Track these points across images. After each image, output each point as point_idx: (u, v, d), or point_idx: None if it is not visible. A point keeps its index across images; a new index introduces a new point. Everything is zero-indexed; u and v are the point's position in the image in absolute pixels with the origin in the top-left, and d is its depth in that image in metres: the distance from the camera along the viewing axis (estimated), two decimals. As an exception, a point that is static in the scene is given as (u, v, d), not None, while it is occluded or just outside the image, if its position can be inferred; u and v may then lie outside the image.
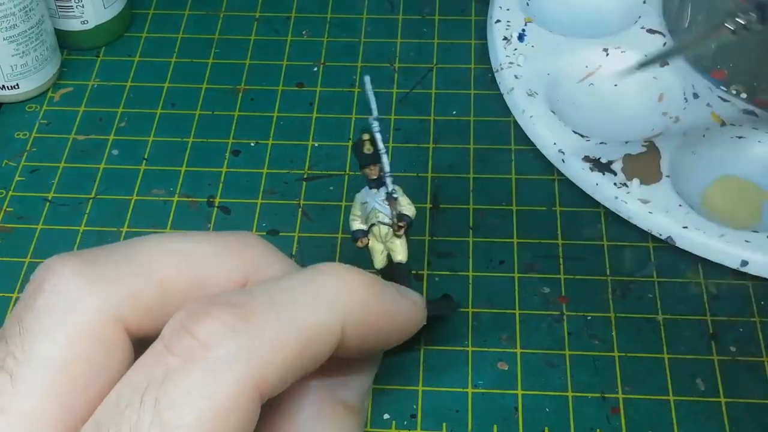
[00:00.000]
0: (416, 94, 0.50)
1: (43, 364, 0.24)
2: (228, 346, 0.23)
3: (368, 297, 0.26)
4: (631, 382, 0.38)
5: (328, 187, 0.45)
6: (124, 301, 0.25)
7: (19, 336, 0.24)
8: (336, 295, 0.25)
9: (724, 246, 0.41)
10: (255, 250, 0.28)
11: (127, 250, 0.26)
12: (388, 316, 0.27)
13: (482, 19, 0.53)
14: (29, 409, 0.23)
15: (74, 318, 0.24)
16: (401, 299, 0.28)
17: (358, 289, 0.26)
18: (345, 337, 0.26)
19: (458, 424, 0.37)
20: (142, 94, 0.50)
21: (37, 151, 0.47)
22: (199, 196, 0.45)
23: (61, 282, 0.25)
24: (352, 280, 0.26)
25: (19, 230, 0.44)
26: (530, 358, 0.39)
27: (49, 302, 0.25)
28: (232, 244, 0.27)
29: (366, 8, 0.54)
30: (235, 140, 0.48)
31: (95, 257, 0.26)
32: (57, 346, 0.24)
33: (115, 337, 0.25)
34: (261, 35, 0.53)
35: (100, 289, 0.25)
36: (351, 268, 0.27)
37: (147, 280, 0.26)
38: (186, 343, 0.23)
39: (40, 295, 0.25)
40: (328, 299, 0.25)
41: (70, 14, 0.51)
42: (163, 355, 0.23)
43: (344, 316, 0.25)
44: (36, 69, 0.49)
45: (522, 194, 0.45)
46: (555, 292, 0.41)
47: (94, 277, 0.25)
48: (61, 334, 0.24)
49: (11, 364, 0.24)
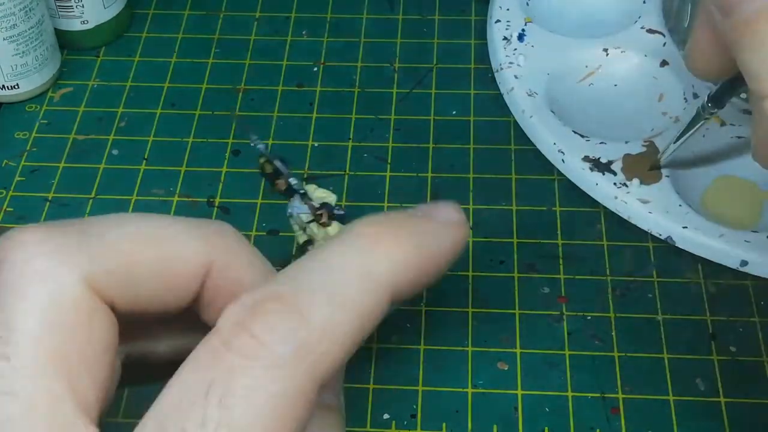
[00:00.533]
0: (416, 94, 0.50)
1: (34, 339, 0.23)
2: (285, 343, 0.23)
3: (411, 252, 0.26)
4: (631, 382, 0.38)
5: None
6: (93, 270, 0.25)
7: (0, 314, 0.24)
8: (379, 266, 0.25)
9: (724, 246, 0.41)
10: (225, 238, 0.28)
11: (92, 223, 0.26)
12: (435, 257, 0.27)
13: (482, 19, 0.53)
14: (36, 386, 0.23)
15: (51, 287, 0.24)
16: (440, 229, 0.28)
17: (398, 248, 0.26)
18: (396, 297, 0.26)
19: (458, 424, 0.37)
20: (142, 94, 0.50)
21: (37, 151, 0.47)
22: (199, 196, 0.45)
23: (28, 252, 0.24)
24: (389, 239, 0.26)
25: (19, 230, 0.44)
26: (530, 358, 0.39)
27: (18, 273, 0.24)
28: (202, 228, 0.27)
29: (366, 8, 0.54)
30: (235, 140, 0.48)
31: (61, 228, 0.25)
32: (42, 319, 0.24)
33: (93, 304, 0.25)
34: (261, 35, 0.53)
35: (69, 258, 0.24)
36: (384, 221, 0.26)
37: (114, 252, 0.25)
38: (245, 342, 0.23)
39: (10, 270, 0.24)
40: (371, 274, 0.25)
41: (70, 14, 0.51)
42: (222, 353, 0.23)
43: (392, 286, 0.25)
44: (36, 69, 0.49)
45: (522, 194, 0.45)
46: (555, 292, 0.41)
47: (61, 247, 0.25)
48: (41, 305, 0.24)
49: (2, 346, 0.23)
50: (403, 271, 0.26)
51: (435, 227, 0.28)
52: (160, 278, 0.26)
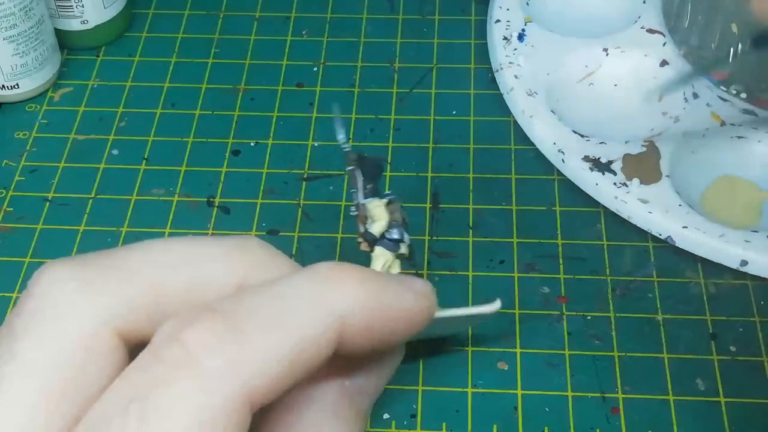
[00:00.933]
0: (416, 94, 0.50)
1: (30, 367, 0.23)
2: (216, 356, 0.22)
3: (367, 294, 0.26)
4: (631, 382, 0.38)
5: (328, 187, 0.45)
6: (116, 306, 0.25)
7: (7, 338, 0.24)
8: (331, 296, 0.25)
9: (724, 246, 0.41)
10: (254, 252, 0.27)
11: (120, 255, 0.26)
12: (391, 310, 0.27)
13: (482, 19, 0.53)
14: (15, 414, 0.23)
15: (64, 322, 0.24)
16: (404, 290, 0.28)
17: (354, 287, 0.25)
18: (346, 338, 0.25)
19: (458, 424, 0.37)
20: (142, 94, 0.50)
21: (37, 151, 0.47)
22: (199, 196, 0.45)
23: (52, 286, 0.25)
24: (347, 277, 0.26)
25: (19, 230, 0.44)
26: (530, 358, 0.39)
27: (38, 306, 0.24)
28: (230, 247, 0.27)
29: (366, 8, 0.54)
30: (235, 140, 0.48)
31: (87, 262, 0.25)
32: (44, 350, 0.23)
33: (106, 343, 0.24)
34: (261, 35, 0.53)
35: (92, 293, 0.24)
36: (346, 266, 0.26)
37: (140, 284, 0.25)
38: (174, 352, 0.22)
39: (31, 300, 0.25)
40: (323, 302, 0.25)
41: (70, 14, 0.51)
42: (150, 364, 0.22)
43: (341, 318, 0.25)
44: (36, 69, 0.49)
45: (522, 194, 0.45)
46: (555, 292, 0.41)
47: (85, 281, 0.25)
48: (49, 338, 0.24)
49: None
50: (356, 307, 0.25)
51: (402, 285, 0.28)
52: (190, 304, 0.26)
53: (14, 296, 0.41)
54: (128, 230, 0.44)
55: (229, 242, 0.28)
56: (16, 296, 0.41)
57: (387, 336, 0.27)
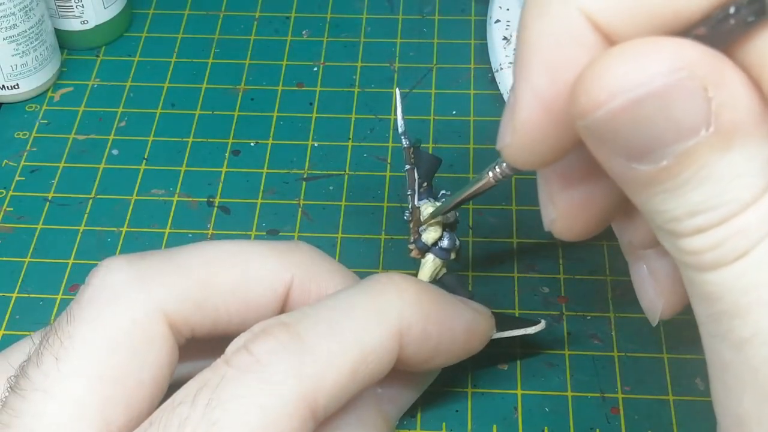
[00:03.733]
0: (416, 94, 0.50)
1: (86, 351, 0.25)
2: (281, 362, 0.23)
3: (427, 306, 0.26)
4: (631, 382, 0.38)
5: (328, 187, 0.45)
6: (166, 297, 0.26)
7: (67, 325, 0.25)
8: (392, 307, 0.25)
9: (724, 246, 0.41)
10: (302, 253, 0.28)
11: (173, 252, 0.28)
12: (450, 326, 0.27)
13: (482, 19, 0.53)
14: (70, 392, 0.24)
15: (117, 309, 0.26)
16: (464, 308, 0.28)
17: (415, 299, 0.26)
18: (404, 350, 0.26)
19: (458, 424, 0.37)
20: (142, 94, 0.50)
21: (37, 151, 0.47)
22: (199, 196, 0.45)
23: (107, 277, 0.26)
24: (409, 289, 0.26)
25: (19, 230, 0.44)
26: (530, 358, 0.39)
27: (94, 295, 0.26)
28: (279, 247, 0.28)
29: (366, 8, 0.54)
30: (235, 140, 0.48)
31: (142, 257, 0.27)
32: (99, 335, 0.25)
33: (157, 330, 0.26)
34: (261, 35, 0.53)
35: (144, 284, 0.26)
36: (408, 278, 0.27)
37: (190, 277, 0.27)
38: (243, 358, 0.24)
39: (88, 289, 0.26)
40: (383, 313, 0.25)
41: (70, 14, 0.51)
42: (221, 366, 0.24)
43: (401, 330, 0.25)
44: (36, 69, 0.49)
45: (522, 194, 0.45)
46: (555, 292, 0.41)
47: (138, 273, 0.26)
48: (103, 323, 0.25)
49: (57, 348, 0.25)
50: (418, 323, 0.26)
51: (461, 304, 0.28)
52: (239, 300, 0.27)
53: (14, 296, 0.41)
54: (128, 230, 0.44)
55: (279, 244, 0.29)
56: (17, 296, 0.41)
57: (446, 350, 0.28)
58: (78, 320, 0.25)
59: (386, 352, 0.25)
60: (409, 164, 0.35)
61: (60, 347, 0.25)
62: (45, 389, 0.24)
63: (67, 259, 0.43)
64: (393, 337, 0.25)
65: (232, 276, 0.27)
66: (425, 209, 0.35)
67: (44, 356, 0.25)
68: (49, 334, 0.25)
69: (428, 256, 0.35)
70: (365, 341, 0.25)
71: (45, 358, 0.24)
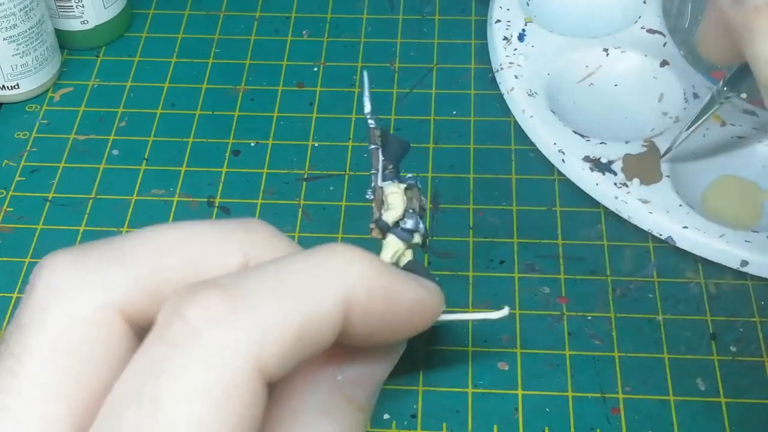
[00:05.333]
0: (416, 94, 0.50)
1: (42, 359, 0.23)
2: (219, 327, 0.22)
3: (374, 274, 0.25)
4: (631, 382, 0.38)
5: (328, 187, 0.45)
6: (117, 290, 0.25)
7: (18, 334, 0.24)
8: (337, 271, 0.25)
9: (724, 246, 0.41)
10: (257, 233, 0.27)
11: (118, 241, 0.26)
12: (397, 297, 0.26)
13: (482, 19, 0.53)
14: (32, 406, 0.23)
15: (67, 310, 0.24)
16: (412, 281, 0.27)
17: (362, 266, 0.25)
18: (350, 320, 0.25)
19: (458, 424, 0.37)
20: (142, 94, 0.50)
21: (37, 151, 0.47)
22: (199, 196, 0.45)
23: (52, 276, 0.25)
24: (355, 256, 0.25)
25: (19, 230, 0.44)
26: (530, 358, 0.39)
27: (40, 297, 0.24)
28: (232, 227, 0.27)
29: (366, 8, 0.54)
30: (236, 140, 0.48)
31: (86, 250, 0.25)
32: (53, 340, 0.24)
33: (113, 327, 0.24)
34: (261, 35, 0.53)
35: (90, 279, 0.24)
36: (354, 247, 0.26)
37: (140, 266, 0.25)
38: (175, 329, 0.22)
39: (33, 293, 0.25)
40: (328, 277, 0.24)
41: (70, 14, 0.51)
42: (155, 345, 0.22)
43: (346, 294, 0.24)
44: (36, 69, 0.49)
45: (522, 194, 0.45)
46: (555, 292, 0.41)
47: (85, 268, 0.25)
48: (55, 327, 0.24)
49: (11, 362, 0.23)
50: (361, 286, 0.25)
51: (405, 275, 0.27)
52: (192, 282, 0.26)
53: (14, 296, 0.41)
54: (128, 230, 0.44)
55: (232, 223, 0.27)
56: (17, 296, 0.41)
57: (390, 326, 0.27)
58: (28, 328, 0.24)
59: (331, 316, 0.24)
60: (375, 144, 0.35)
61: (14, 361, 0.23)
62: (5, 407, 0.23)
63: (67, 259, 0.42)
64: (338, 302, 0.24)
65: (183, 259, 0.26)
66: (388, 188, 0.34)
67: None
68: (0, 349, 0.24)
69: (390, 236, 0.34)
70: (309, 304, 0.23)
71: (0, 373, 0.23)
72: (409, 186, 0.35)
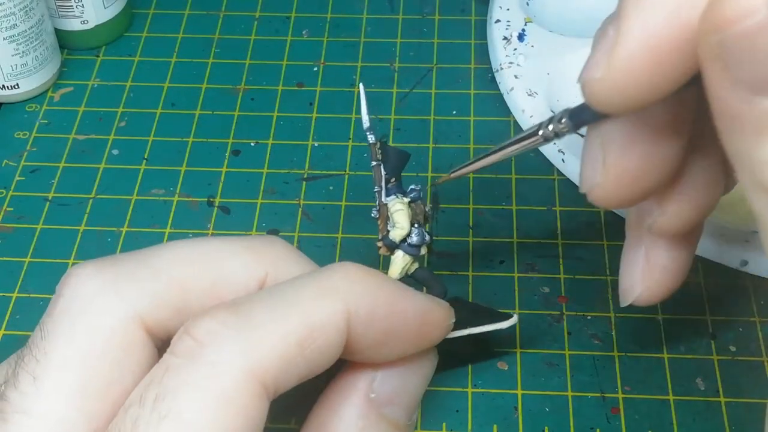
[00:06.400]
0: (416, 94, 0.50)
1: (63, 365, 0.24)
2: (223, 342, 0.23)
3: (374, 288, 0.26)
4: (631, 382, 0.38)
5: (328, 187, 0.45)
6: (141, 302, 0.25)
7: (41, 341, 0.24)
8: (338, 286, 0.25)
9: (724, 246, 0.41)
10: (275, 250, 0.28)
11: (145, 254, 0.27)
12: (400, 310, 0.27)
13: (482, 19, 0.53)
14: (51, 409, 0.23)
15: (91, 319, 0.25)
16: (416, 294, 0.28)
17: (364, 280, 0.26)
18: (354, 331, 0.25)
19: (458, 424, 0.37)
20: (142, 94, 0.50)
21: (37, 151, 0.47)
22: (199, 196, 0.45)
23: (78, 286, 0.25)
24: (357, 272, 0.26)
25: (19, 230, 0.44)
26: (530, 357, 0.39)
27: (66, 306, 0.25)
28: (253, 245, 0.28)
29: (366, 8, 0.54)
30: (235, 140, 0.48)
31: (113, 262, 0.26)
32: (75, 347, 0.24)
33: (135, 337, 0.25)
34: (261, 35, 0.53)
35: (117, 291, 0.25)
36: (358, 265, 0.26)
37: (165, 280, 0.26)
38: (185, 344, 0.23)
39: (59, 301, 0.25)
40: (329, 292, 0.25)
41: (70, 14, 0.51)
42: (166, 357, 0.23)
43: (347, 306, 0.25)
44: (36, 69, 0.49)
45: (522, 194, 0.45)
46: (555, 291, 0.41)
47: (111, 280, 0.25)
48: (78, 335, 0.25)
49: (33, 366, 0.24)
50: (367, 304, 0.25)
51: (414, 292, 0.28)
52: (214, 299, 0.26)
53: (14, 296, 0.41)
54: (128, 230, 0.44)
55: (253, 241, 0.28)
56: (17, 296, 0.41)
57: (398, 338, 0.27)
58: (52, 335, 0.24)
59: (333, 328, 0.25)
60: (376, 161, 0.35)
61: (36, 365, 0.24)
62: (24, 410, 0.23)
63: (67, 259, 0.43)
64: (339, 314, 0.25)
65: (206, 276, 0.27)
66: (393, 206, 0.34)
67: (21, 376, 0.24)
68: (24, 353, 0.24)
69: (397, 252, 0.35)
70: (311, 317, 0.24)
71: (22, 377, 0.24)
72: (413, 199, 0.35)
